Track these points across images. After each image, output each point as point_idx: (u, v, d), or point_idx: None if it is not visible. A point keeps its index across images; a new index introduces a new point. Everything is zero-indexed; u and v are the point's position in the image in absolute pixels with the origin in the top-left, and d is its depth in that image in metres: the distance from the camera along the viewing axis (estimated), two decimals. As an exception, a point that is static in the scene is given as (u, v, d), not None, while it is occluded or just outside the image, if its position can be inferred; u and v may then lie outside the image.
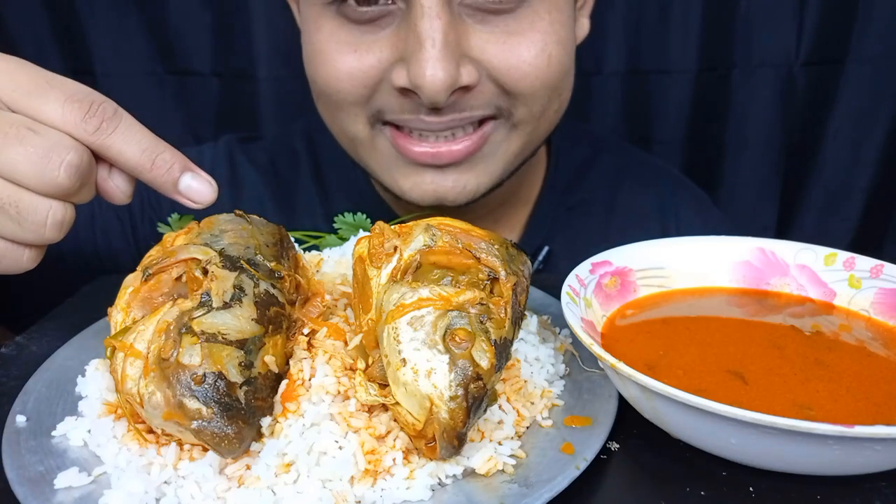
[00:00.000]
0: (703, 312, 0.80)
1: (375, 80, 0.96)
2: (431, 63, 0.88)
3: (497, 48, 0.93)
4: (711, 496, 0.59)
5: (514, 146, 1.04)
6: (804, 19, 1.80)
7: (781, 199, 2.01)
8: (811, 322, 0.77)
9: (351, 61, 0.96)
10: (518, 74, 0.95)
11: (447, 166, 1.00)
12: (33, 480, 0.58)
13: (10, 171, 0.62)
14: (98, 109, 0.65)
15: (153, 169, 0.69)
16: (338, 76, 0.97)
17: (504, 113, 1.00)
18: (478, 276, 0.64)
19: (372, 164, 1.07)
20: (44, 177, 0.62)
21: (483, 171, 1.03)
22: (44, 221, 0.64)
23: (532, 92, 0.97)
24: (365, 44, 0.95)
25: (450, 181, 1.01)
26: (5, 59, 0.67)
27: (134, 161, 0.68)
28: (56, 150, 0.62)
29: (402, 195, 1.05)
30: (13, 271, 0.67)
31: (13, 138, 0.62)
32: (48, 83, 0.65)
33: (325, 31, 0.98)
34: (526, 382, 0.69)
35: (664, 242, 0.85)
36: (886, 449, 0.53)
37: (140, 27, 1.83)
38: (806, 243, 0.83)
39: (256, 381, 0.59)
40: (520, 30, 0.94)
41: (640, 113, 1.92)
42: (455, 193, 1.02)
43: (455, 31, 0.90)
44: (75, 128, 0.64)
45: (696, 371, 0.66)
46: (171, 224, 0.94)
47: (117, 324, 0.64)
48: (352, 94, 0.98)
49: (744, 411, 0.52)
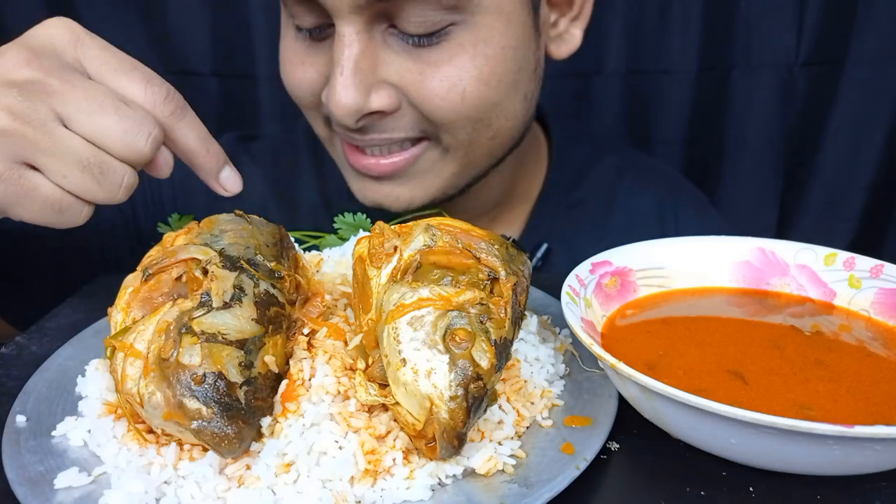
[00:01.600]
0: (703, 312, 0.80)
1: (318, 92, 1.01)
2: (339, 89, 0.92)
3: (414, 78, 0.95)
4: (711, 496, 0.59)
5: (450, 168, 1.05)
6: (804, 19, 1.80)
7: (781, 199, 2.01)
8: (811, 322, 0.77)
9: (300, 72, 1.02)
10: (431, 106, 0.96)
11: (381, 178, 1.05)
12: (33, 480, 0.58)
13: (101, 135, 0.69)
14: (174, 97, 0.75)
15: (206, 155, 0.79)
16: (292, 83, 1.04)
17: (432, 136, 1.01)
18: (478, 276, 0.64)
19: (335, 160, 1.13)
20: (132, 145, 0.70)
21: (417, 185, 1.06)
22: (120, 183, 0.71)
23: (450, 122, 0.98)
24: (311, 58, 1.00)
25: (385, 190, 1.06)
26: (92, 37, 0.74)
27: (193, 146, 0.77)
28: (145, 124, 0.71)
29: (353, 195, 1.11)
30: (66, 225, 0.73)
31: (110, 107, 0.69)
32: (132, 65, 0.74)
33: (287, 39, 1.04)
34: (526, 382, 0.69)
35: (664, 242, 0.85)
36: (886, 449, 0.53)
37: (140, 27, 1.83)
38: (806, 243, 0.83)
39: (256, 381, 0.59)
40: (438, 62, 0.94)
41: (640, 113, 1.92)
42: (390, 202, 1.07)
43: (371, 57, 0.93)
44: (154, 107, 0.73)
45: (696, 371, 0.66)
46: (171, 224, 0.94)
47: (117, 324, 0.64)
48: (305, 101, 1.04)
49: (744, 411, 0.52)
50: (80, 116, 0.68)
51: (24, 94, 0.67)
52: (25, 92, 0.68)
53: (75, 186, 0.70)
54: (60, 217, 0.71)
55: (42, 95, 0.68)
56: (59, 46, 0.73)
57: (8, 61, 0.70)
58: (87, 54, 0.73)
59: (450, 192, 1.09)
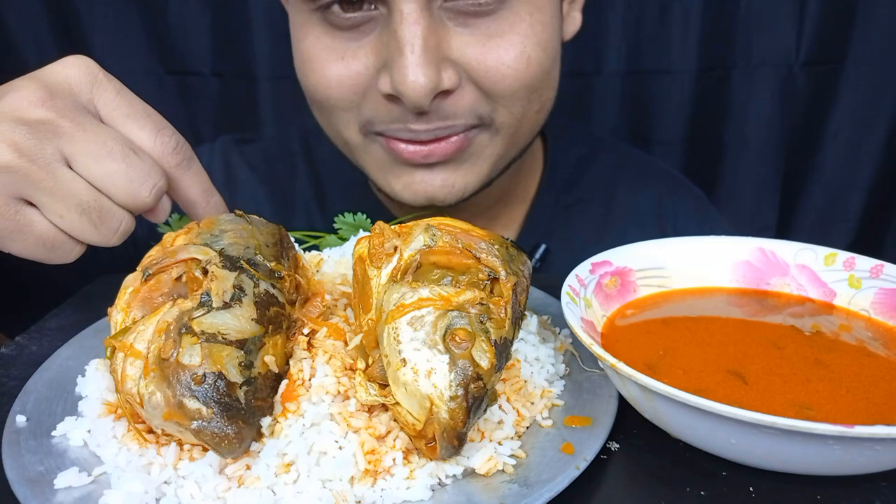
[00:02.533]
0: (703, 312, 0.80)
1: (363, 87, 0.97)
2: (412, 68, 0.88)
3: (476, 50, 0.94)
4: (711, 496, 0.59)
5: (498, 149, 1.05)
6: (804, 19, 1.80)
7: (781, 199, 2.01)
8: (811, 322, 0.77)
9: (339, 68, 0.96)
10: (497, 76, 0.95)
11: (436, 165, 1.02)
12: (33, 480, 0.58)
13: (105, 181, 0.70)
14: (183, 147, 0.77)
15: (206, 207, 0.80)
16: (327, 83, 0.98)
17: (486, 121, 1.00)
18: (478, 276, 0.64)
19: (366, 165, 1.08)
20: (135, 194, 0.71)
21: (469, 170, 1.04)
22: (116, 229, 0.73)
23: (511, 94, 0.97)
24: (351, 50, 0.96)
25: (438, 180, 1.03)
26: (110, 80, 0.76)
27: (195, 197, 0.79)
28: (151, 175, 0.72)
29: (394, 196, 1.06)
30: (56, 262, 0.74)
31: (118, 154, 0.70)
32: (145, 112, 0.76)
33: (312, 37, 0.98)
34: (526, 382, 0.69)
35: (664, 242, 0.85)
36: (886, 449, 0.53)
37: (140, 27, 1.83)
38: (806, 243, 0.83)
39: (256, 381, 0.59)
40: (499, 32, 0.94)
41: (640, 113, 1.92)
42: (444, 193, 1.04)
43: (435, 34, 0.91)
44: (162, 157, 0.75)
45: (696, 371, 0.66)
46: (171, 224, 0.94)
47: (117, 324, 0.64)
48: (342, 101, 0.99)
49: (744, 411, 0.52)
50: (87, 160, 0.69)
51: (34, 133, 0.68)
52: (35, 130, 0.69)
53: (71, 227, 0.71)
54: (51, 254, 0.73)
55: (51, 136, 0.69)
56: (76, 86, 0.74)
57: (23, 98, 0.70)
58: (102, 97, 0.74)
59: (491, 178, 1.08)
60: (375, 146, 1.03)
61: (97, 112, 0.74)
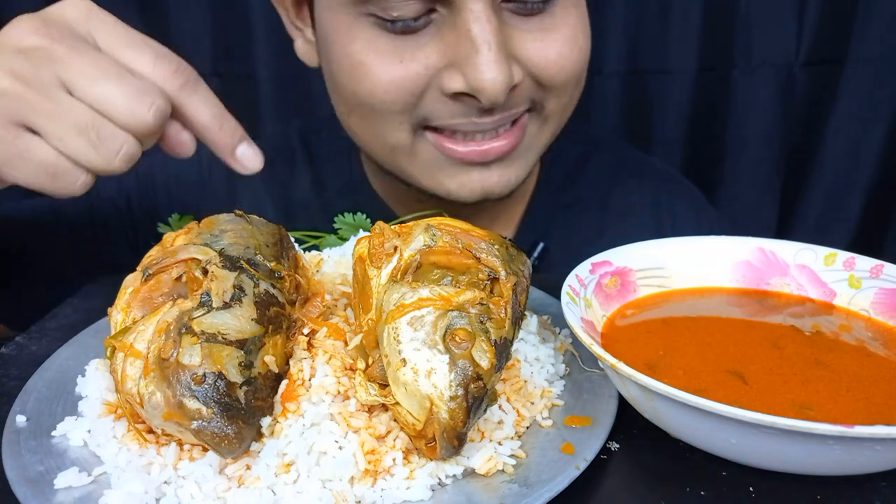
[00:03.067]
0: (703, 312, 0.80)
1: (422, 88, 0.96)
2: (490, 66, 0.89)
3: (535, 45, 0.96)
4: (711, 496, 0.59)
5: (545, 138, 1.08)
6: (804, 19, 1.80)
7: (781, 199, 2.01)
8: (811, 322, 0.77)
9: (397, 70, 0.95)
10: (555, 69, 0.98)
11: (492, 162, 1.03)
12: (33, 480, 0.58)
13: (103, 101, 0.69)
14: (184, 70, 0.74)
15: (220, 131, 0.77)
16: (385, 87, 0.95)
17: (537, 106, 1.03)
18: (478, 276, 0.64)
19: (411, 169, 1.06)
20: (134, 112, 0.69)
21: (522, 164, 1.07)
22: (117, 150, 0.70)
23: (564, 83, 1.01)
24: (408, 51, 0.94)
25: (495, 177, 1.04)
26: (107, 14, 0.75)
27: (205, 121, 0.76)
28: (149, 93, 0.70)
29: (447, 195, 1.06)
30: (62, 193, 0.72)
31: (114, 75, 0.69)
32: (143, 40, 0.74)
33: (361, 41, 0.95)
34: (526, 382, 0.69)
35: (664, 242, 0.85)
36: (886, 449, 0.53)
37: (140, 27, 1.82)
38: (806, 243, 0.83)
39: (256, 381, 0.59)
40: (554, 26, 0.97)
41: (640, 113, 1.92)
42: (500, 187, 1.05)
43: (502, 32, 0.93)
44: (164, 81, 0.72)
45: (696, 371, 0.66)
46: (171, 224, 0.95)
47: (117, 324, 0.64)
48: (397, 104, 0.97)
49: (744, 411, 0.52)
50: (83, 82, 0.68)
51: (29, 58, 0.68)
52: (31, 57, 0.68)
53: (71, 150, 0.69)
54: (55, 183, 0.71)
55: (47, 61, 0.68)
56: (72, 19, 0.73)
57: (19, 30, 0.70)
58: (100, 28, 0.73)
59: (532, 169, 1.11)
60: (425, 146, 1.03)
61: (95, 42, 0.73)
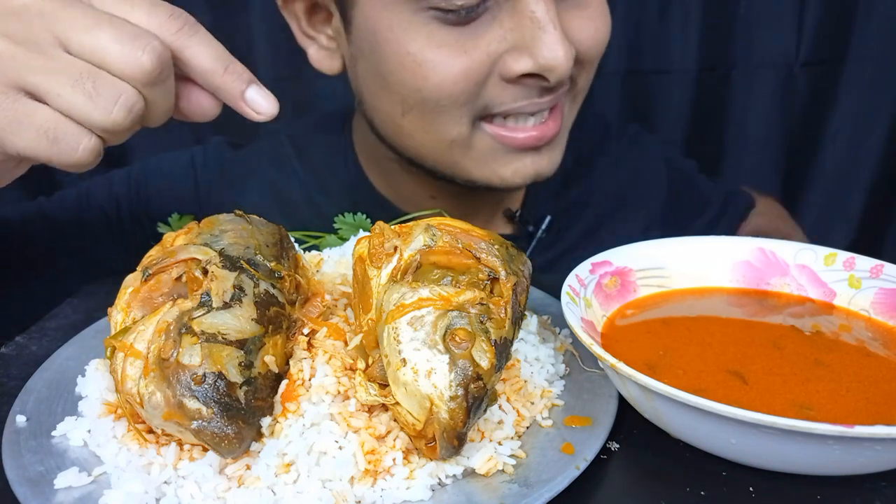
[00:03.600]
0: (703, 312, 0.80)
1: (485, 76, 0.98)
2: (558, 44, 0.93)
3: (577, 22, 1.00)
4: (711, 496, 0.59)
5: (572, 116, 1.12)
6: (804, 19, 1.80)
7: (781, 199, 2.01)
8: (811, 322, 0.77)
9: (464, 62, 0.95)
10: (592, 43, 1.02)
11: (543, 147, 1.06)
12: (33, 480, 0.58)
13: (96, 48, 0.65)
14: (180, 15, 0.70)
15: (225, 74, 0.72)
16: (453, 79, 0.96)
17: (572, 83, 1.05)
18: (478, 276, 0.64)
19: (465, 162, 1.07)
20: (129, 56, 0.65)
21: (563, 143, 1.11)
22: (115, 99, 0.66)
23: (597, 57, 1.05)
24: (470, 41, 0.96)
25: (545, 160, 1.08)
26: None
27: (208, 65, 0.71)
28: (144, 36, 0.66)
29: (500, 183, 1.09)
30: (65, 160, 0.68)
31: (106, 22, 0.66)
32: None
33: (422, 37, 0.95)
34: (526, 382, 0.69)
35: (664, 242, 0.85)
36: (886, 449, 0.53)
37: (140, 27, 1.83)
38: (806, 243, 0.83)
39: (256, 381, 0.59)
40: (588, 2, 1.02)
41: (640, 113, 1.92)
42: (550, 169, 1.09)
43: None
44: (159, 27, 0.68)
45: (696, 371, 0.66)
46: (171, 224, 0.95)
47: (117, 324, 0.64)
48: (462, 95, 0.98)
49: (743, 411, 0.52)
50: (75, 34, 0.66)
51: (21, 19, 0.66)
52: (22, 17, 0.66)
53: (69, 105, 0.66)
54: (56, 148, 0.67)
55: (38, 18, 0.66)
56: None
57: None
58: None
59: None
60: (483, 137, 1.04)
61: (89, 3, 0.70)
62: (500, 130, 1.03)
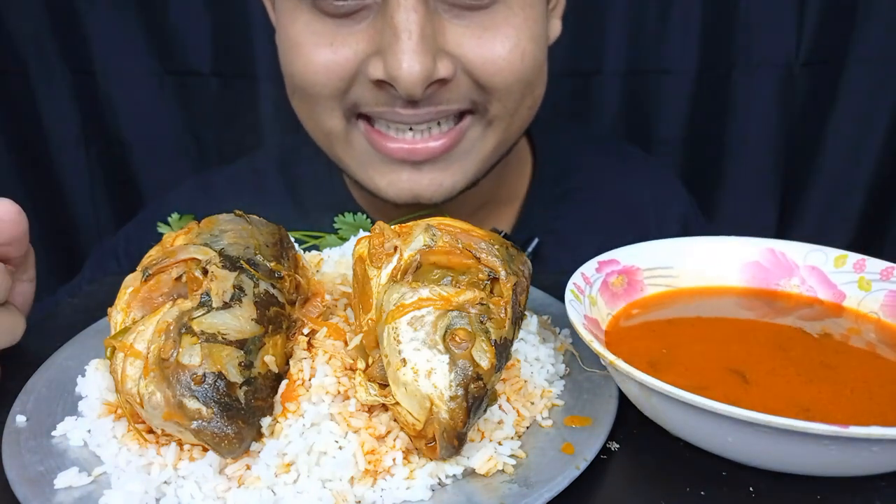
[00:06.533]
0: (710, 313, 0.79)
1: (351, 73, 0.96)
2: (408, 55, 0.89)
3: (472, 42, 0.94)
4: (711, 496, 0.59)
5: (490, 144, 1.05)
6: (804, 19, 1.80)
7: (781, 199, 2.01)
8: (820, 325, 0.76)
9: (327, 54, 0.96)
10: (493, 69, 0.96)
11: (423, 163, 1.01)
12: (33, 480, 0.58)
13: None
14: None
15: None
16: (315, 69, 0.97)
17: (479, 108, 1.00)
18: (478, 276, 0.64)
19: (347, 160, 1.07)
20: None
21: (458, 169, 1.04)
22: None
23: (506, 87, 0.98)
24: (341, 36, 0.95)
25: (426, 179, 1.02)
26: None
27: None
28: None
29: (377, 193, 1.05)
30: None
31: None
32: None
33: (300, 24, 0.97)
34: (526, 382, 0.69)
35: (673, 242, 0.84)
36: (884, 450, 0.53)
37: (140, 27, 1.83)
38: (816, 244, 0.82)
39: (256, 381, 0.59)
40: (494, 25, 0.95)
41: (640, 113, 1.92)
42: (431, 192, 1.02)
43: (431, 24, 0.91)
44: None
45: (697, 369, 0.66)
46: (171, 224, 0.94)
47: (117, 324, 0.64)
48: (327, 87, 0.98)
49: (739, 410, 0.52)
50: None
51: None
52: None
53: None
54: None
55: None
56: None
57: None
58: None
59: (479, 176, 1.08)
60: (357, 136, 1.03)
61: None
62: (371, 133, 1.01)
